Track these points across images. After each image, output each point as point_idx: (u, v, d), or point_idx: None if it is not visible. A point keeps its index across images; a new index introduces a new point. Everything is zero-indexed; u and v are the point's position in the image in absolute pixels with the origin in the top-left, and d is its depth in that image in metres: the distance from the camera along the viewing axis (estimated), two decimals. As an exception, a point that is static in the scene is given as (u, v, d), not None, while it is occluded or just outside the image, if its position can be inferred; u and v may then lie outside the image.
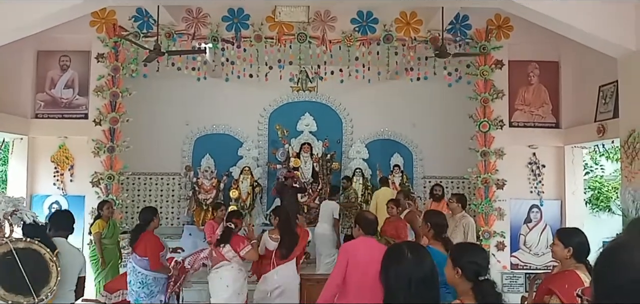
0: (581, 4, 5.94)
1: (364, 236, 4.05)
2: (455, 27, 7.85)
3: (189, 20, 7.85)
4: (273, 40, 7.80)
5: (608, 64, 6.52)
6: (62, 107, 8.09)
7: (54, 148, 8.08)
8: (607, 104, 7.05)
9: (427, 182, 10.60)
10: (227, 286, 5.45)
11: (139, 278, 5.45)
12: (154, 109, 10.02)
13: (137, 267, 5.46)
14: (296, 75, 10.14)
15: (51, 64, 8.14)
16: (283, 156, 10.24)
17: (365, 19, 7.82)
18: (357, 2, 7.67)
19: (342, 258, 3.91)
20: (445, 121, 9.93)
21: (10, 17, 6.02)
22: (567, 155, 8.08)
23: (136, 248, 5.48)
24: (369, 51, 7.94)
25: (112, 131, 7.85)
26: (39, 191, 8.08)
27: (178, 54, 7.59)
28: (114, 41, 7.84)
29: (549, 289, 3.12)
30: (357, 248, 3.92)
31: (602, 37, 5.98)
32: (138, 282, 5.46)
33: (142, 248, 5.43)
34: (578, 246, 3.22)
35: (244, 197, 9.78)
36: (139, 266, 5.46)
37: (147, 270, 5.43)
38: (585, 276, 3.06)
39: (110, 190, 7.76)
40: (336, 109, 10.77)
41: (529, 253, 8.05)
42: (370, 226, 4.11)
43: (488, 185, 7.89)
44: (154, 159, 10.07)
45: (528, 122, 8.15)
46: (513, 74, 8.10)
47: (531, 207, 8.13)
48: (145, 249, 5.42)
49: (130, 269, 5.54)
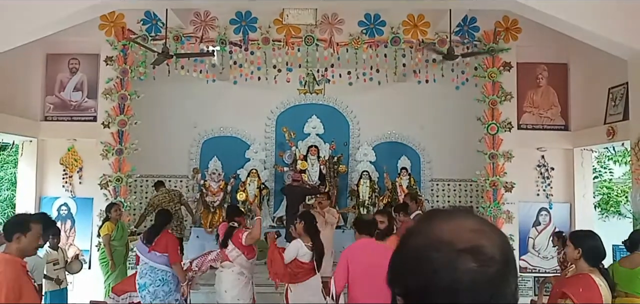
0: (590, 5, 5.90)
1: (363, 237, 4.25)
2: (463, 30, 7.83)
3: (197, 24, 7.88)
4: (281, 43, 7.82)
5: (618, 66, 6.47)
6: (71, 110, 8.14)
7: (63, 150, 8.13)
8: (616, 106, 7.00)
9: (434, 185, 10.55)
10: (225, 291, 5.48)
11: (160, 276, 5.52)
12: (162, 111, 10.05)
13: (158, 265, 5.52)
14: (303, 77, 10.15)
15: (60, 67, 8.20)
16: (290, 159, 10.23)
17: (373, 21, 7.81)
18: (364, 5, 7.67)
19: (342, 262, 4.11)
20: (453, 124, 9.88)
21: (20, 21, 6.07)
22: (576, 158, 8.03)
23: (156, 246, 5.55)
24: (376, 54, 7.92)
25: (121, 133, 7.88)
26: (48, 193, 8.13)
27: (186, 57, 7.62)
28: (122, 44, 7.89)
29: (562, 292, 3.10)
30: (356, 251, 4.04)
31: (611, 39, 5.94)
32: (158, 280, 5.51)
33: (163, 245, 5.53)
34: (588, 249, 3.18)
35: (251, 200, 9.78)
36: (160, 262, 5.53)
37: (167, 266, 5.53)
38: (600, 280, 3.04)
39: (119, 192, 7.79)
40: (343, 112, 10.76)
41: (538, 256, 8.00)
42: (366, 228, 4.33)
43: (496, 188, 7.85)
44: (162, 162, 10.09)
45: (537, 124, 8.11)
46: (521, 76, 8.06)
47: (540, 210, 8.09)
48: (166, 245, 5.53)
49: (147, 270, 5.56)
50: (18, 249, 3.11)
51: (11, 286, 2.93)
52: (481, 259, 0.92)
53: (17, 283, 2.96)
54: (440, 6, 7.21)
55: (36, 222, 3.19)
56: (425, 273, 0.93)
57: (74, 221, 8.10)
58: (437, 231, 0.96)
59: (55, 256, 6.31)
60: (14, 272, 3.01)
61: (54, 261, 6.26)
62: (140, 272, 5.65)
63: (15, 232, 3.11)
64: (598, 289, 2.99)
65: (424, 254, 0.94)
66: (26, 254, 3.15)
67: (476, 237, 0.94)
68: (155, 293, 5.50)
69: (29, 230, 3.10)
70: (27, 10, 6.01)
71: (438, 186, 10.58)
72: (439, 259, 0.92)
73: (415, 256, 0.96)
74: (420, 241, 0.97)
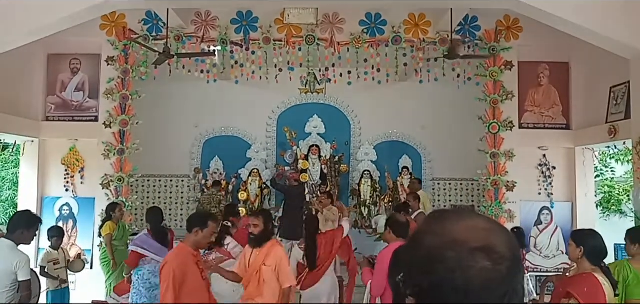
0: (592, 4, 5.89)
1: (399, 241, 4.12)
2: (464, 29, 7.81)
3: (198, 23, 7.88)
4: (282, 43, 7.82)
5: (619, 65, 6.46)
6: (72, 110, 8.15)
7: (64, 151, 8.14)
8: (618, 105, 6.99)
9: (436, 184, 10.56)
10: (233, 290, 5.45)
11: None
12: (164, 111, 10.07)
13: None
14: (305, 77, 10.15)
15: (62, 67, 8.21)
16: (291, 158, 10.24)
17: (374, 20, 7.80)
18: (365, 4, 7.66)
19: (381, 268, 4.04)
20: (455, 123, 9.88)
21: (21, 21, 6.08)
22: (577, 156, 8.02)
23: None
24: (377, 53, 7.92)
25: (122, 133, 7.89)
26: (50, 193, 8.14)
27: (187, 57, 7.62)
28: (124, 44, 7.89)
29: (567, 292, 3.09)
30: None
31: (613, 38, 5.92)
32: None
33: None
34: (590, 247, 3.18)
35: (253, 199, 9.80)
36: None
37: None
38: (603, 279, 3.03)
39: (120, 192, 7.80)
40: (344, 111, 10.77)
41: (540, 255, 7.98)
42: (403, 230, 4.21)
43: (498, 187, 7.84)
44: (163, 162, 10.12)
45: (538, 123, 8.10)
46: (523, 75, 8.05)
47: (541, 210, 8.07)
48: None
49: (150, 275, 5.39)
50: (194, 241, 3.57)
51: (178, 270, 3.40)
52: (494, 257, 0.93)
53: (183, 269, 3.43)
54: (442, 5, 7.20)
55: (214, 221, 3.69)
56: (441, 273, 0.93)
57: (76, 221, 8.11)
58: (450, 231, 0.97)
59: (56, 256, 6.32)
60: (185, 259, 3.50)
61: (55, 260, 6.28)
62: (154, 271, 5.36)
63: (195, 226, 3.58)
64: (602, 288, 2.98)
65: (439, 254, 0.95)
66: (200, 247, 3.62)
67: (488, 236, 0.96)
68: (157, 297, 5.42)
69: (206, 227, 3.56)
70: (29, 10, 6.01)
71: (439, 186, 10.59)
72: (454, 259, 0.93)
73: (428, 256, 0.96)
74: (434, 241, 0.97)
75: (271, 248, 4.27)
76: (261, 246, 4.27)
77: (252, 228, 4.31)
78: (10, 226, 4.13)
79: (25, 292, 3.89)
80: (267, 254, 4.22)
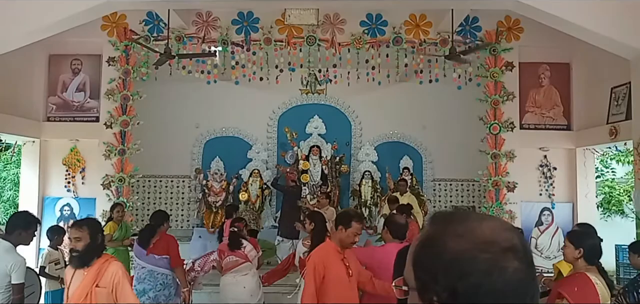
0: (593, 5, 5.89)
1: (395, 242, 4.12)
2: (465, 29, 7.82)
3: (199, 24, 7.89)
4: (282, 44, 7.82)
5: (620, 66, 6.46)
6: (73, 110, 8.16)
7: (65, 151, 8.14)
8: (619, 105, 6.98)
9: (436, 185, 10.56)
10: (251, 295, 5.46)
11: (160, 280, 5.34)
12: (165, 112, 10.07)
13: (158, 268, 5.35)
14: (305, 78, 10.15)
15: (63, 67, 8.22)
16: (292, 159, 10.24)
17: (375, 21, 7.81)
18: (366, 5, 7.66)
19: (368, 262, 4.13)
20: (455, 123, 9.87)
21: (23, 22, 6.09)
22: (578, 157, 8.01)
23: (154, 249, 5.37)
24: (378, 53, 7.92)
25: (123, 133, 7.90)
26: (51, 193, 8.14)
27: (188, 58, 7.63)
28: (124, 45, 7.90)
29: (558, 292, 3.08)
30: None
31: (614, 39, 5.93)
32: (158, 284, 5.32)
33: (163, 247, 5.38)
34: (589, 247, 3.16)
35: (253, 200, 9.79)
36: (159, 266, 5.35)
37: (168, 269, 5.38)
38: (596, 278, 3.01)
39: (121, 193, 7.80)
40: (345, 112, 10.77)
41: (541, 256, 7.97)
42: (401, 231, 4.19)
43: (499, 188, 7.84)
44: (164, 162, 10.12)
45: (539, 124, 8.10)
46: (524, 76, 8.05)
47: (542, 210, 8.07)
48: (167, 247, 5.39)
49: (146, 274, 5.36)
50: (340, 239, 3.73)
51: (320, 265, 3.62)
52: (520, 257, 0.94)
53: (323, 263, 3.64)
54: (442, 6, 7.20)
55: (358, 221, 3.82)
56: (478, 276, 0.91)
57: (77, 222, 8.10)
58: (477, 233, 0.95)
59: (56, 256, 6.32)
60: (326, 254, 3.71)
61: (55, 260, 6.27)
62: (137, 277, 5.38)
63: (340, 224, 3.76)
64: (594, 287, 2.96)
65: (471, 256, 0.93)
66: (345, 246, 3.75)
67: (512, 236, 0.96)
68: (156, 298, 5.30)
69: (350, 226, 3.70)
70: (30, 11, 6.02)
71: (440, 186, 10.58)
72: (489, 261, 0.92)
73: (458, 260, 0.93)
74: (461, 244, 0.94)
75: (103, 265, 3.29)
76: (89, 264, 3.26)
77: (72, 243, 3.28)
78: (8, 227, 4.06)
79: (17, 295, 3.76)
80: (99, 273, 3.25)
